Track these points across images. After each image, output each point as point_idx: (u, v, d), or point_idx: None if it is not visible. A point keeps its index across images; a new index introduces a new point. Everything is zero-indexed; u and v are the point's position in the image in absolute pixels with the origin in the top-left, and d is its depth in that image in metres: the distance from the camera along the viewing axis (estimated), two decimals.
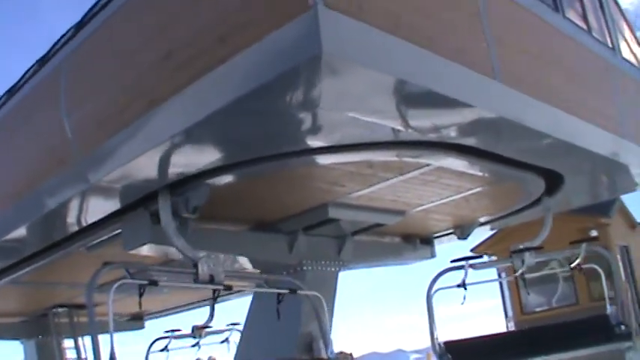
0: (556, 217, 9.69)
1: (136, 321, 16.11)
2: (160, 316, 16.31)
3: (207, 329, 10.30)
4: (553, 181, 8.77)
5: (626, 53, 9.82)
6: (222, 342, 11.53)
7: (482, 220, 10.62)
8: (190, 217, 7.18)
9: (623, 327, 8.95)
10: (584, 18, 8.77)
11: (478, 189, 8.69)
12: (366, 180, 7.73)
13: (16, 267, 10.38)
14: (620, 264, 14.01)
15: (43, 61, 8.24)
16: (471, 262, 8.92)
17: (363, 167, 7.27)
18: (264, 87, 5.01)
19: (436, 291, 8.96)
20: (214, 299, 7.58)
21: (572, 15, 8.42)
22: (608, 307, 9.37)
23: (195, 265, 6.99)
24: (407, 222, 9.56)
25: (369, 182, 7.81)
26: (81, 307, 14.15)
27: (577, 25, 8.43)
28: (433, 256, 11.23)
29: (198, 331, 10.31)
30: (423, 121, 6.17)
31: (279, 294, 7.78)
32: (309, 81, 4.98)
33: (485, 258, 13.44)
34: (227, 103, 5.26)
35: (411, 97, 5.61)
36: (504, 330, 15.50)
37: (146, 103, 5.97)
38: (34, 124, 8.06)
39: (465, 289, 8.71)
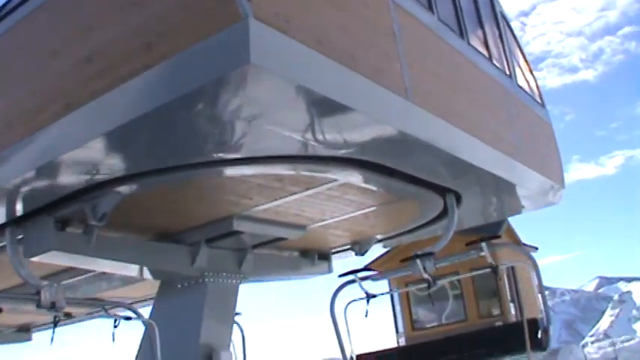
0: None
1: (22, 333, 15.57)
2: (48, 328, 15.80)
3: None
4: (450, 201, 9.03)
5: (521, 80, 10.28)
6: None
7: (379, 237, 10.83)
8: (97, 224, 7.06)
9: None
10: (486, 45, 9.15)
11: (379, 206, 8.90)
12: (274, 193, 7.80)
13: None
14: (506, 283, 14.55)
15: None
16: (361, 274, 9.13)
17: (272, 180, 7.35)
18: (188, 95, 5.02)
19: (347, 304, 9.15)
20: (54, 324, 8.10)
21: (475, 42, 8.77)
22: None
23: (38, 292, 7.29)
24: (306, 237, 9.66)
25: (276, 196, 7.88)
26: None
27: (479, 52, 8.78)
28: (330, 271, 11.34)
29: None
30: (336, 136, 6.29)
31: (115, 319, 8.00)
32: (234, 91, 5.04)
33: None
34: (149, 110, 5.22)
35: (327, 112, 5.72)
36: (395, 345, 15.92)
37: (62, 106, 5.84)
38: None
39: (368, 301, 8.91)
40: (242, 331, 11.48)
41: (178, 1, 5.11)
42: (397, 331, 16.13)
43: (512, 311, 14.12)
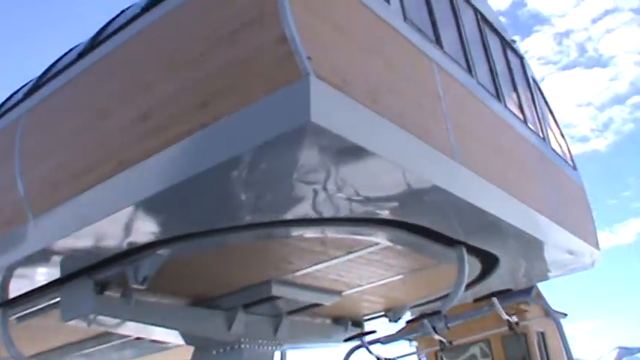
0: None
1: None
2: None
3: None
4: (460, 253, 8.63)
5: (554, 143, 10.29)
6: None
7: (413, 303, 10.70)
8: (139, 287, 6.99)
9: None
10: (520, 108, 9.19)
11: (416, 271, 8.80)
12: (315, 257, 7.73)
13: None
14: (537, 351, 14.31)
15: None
16: (368, 338, 8.83)
17: (316, 244, 7.28)
18: (245, 154, 5.02)
19: None
20: None
21: (511, 105, 8.81)
22: None
23: None
24: (341, 303, 9.54)
25: (317, 260, 7.80)
26: None
27: (515, 115, 8.81)
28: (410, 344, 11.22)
29: None
30: (383, 196, 6.27)
31: None
32: (293, 150, 5.01)
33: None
34: (204, 169, 5.20)
35: (378, 172, 5.69)
36: None
37: (114, 165, 5.81)
38: None
39: None
40: None
41: (236, 59, 5.11)
42: None
43: None
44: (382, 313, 10.79)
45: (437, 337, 7.95)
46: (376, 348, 9.04)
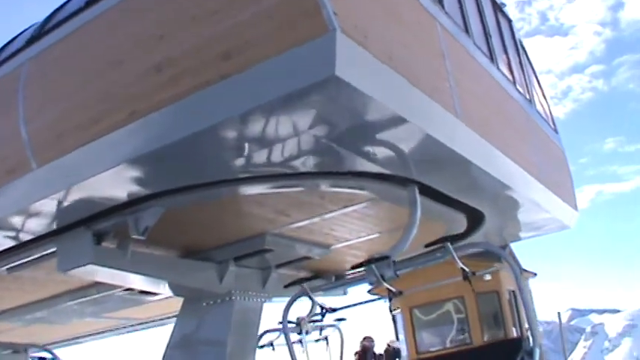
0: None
1: (19, 354, 15.38)
2: (45, 350, 15.66)
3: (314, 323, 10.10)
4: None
5: (539, 106, 10.47)
6: (318, 340, 11.27)
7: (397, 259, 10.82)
8: (139, 238, 7.05)
9: None
10: (510, 70, 9.33)
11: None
12: (313, 210, 7.84)
13: None
14: (508, 308, 14.63)
15: None
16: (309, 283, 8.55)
17: (315, 197, 7.39)
18: (264, 106, 5.09)
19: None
20: None
21: (502, 66, 8.94)
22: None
23: None
24: (327, 257, 9.68)
25: (314, 213, 7.92)
26: None
27: (506, 77, 8.95)
28: (345, 293, 11.35)
29: (304, 325, 10.02)
30: (387, 151, 6.36)
31: None
32: (312, 104, 5.10)
33: None
34: (221, 120, 5.28)
35: (388, 127, 5.81)
36: None
37: (125, 115, 5.80)
38: None
39: (323, 316, 8.76)
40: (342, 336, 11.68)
41: (262, 12, 5.13)
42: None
43: (515, 334, 14.22)
44: (364, 269, 10.88)
45: (385, 284, 7.32)
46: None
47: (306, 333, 9.44)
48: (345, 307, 8.97)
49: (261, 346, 8.69)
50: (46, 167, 6.61)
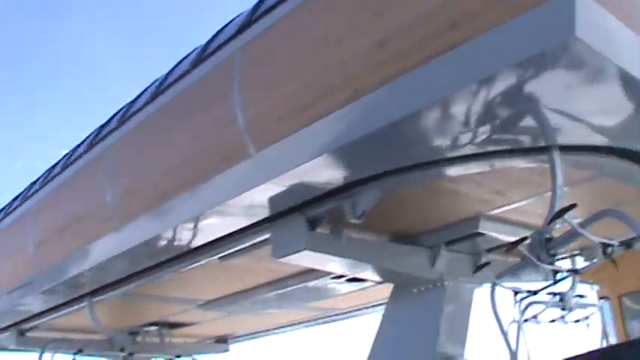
0: None
1: (220, 344, 15.94)
2: (245, 340, 16.12)
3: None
4: None
5: None
6: (577, 321, 10.87)
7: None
8: (356, 222, 6.91)
9: None
10: None
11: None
12: (531, 189, 7.42)
13: (129, 278, 10.23)
14: None
15: (205, 50, 7.89)
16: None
17: (535, 174, 6.96)
18: (499, 73, 4.76)
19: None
20: None
21: None
22: None
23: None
24: None
25: (532, 192, 7.49)
26: (173, 326, 14.03)
27: None
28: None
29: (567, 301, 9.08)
30: (625, 123, 5.86)
31: None
32: (550, 69, 4.71)
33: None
34: (450, 93, 5.01)
35: (627, 96, 5.29)
36: None
37: (349, 93, 5.60)
38: (193, 119, 7.65)
39: None
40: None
41: None
42: None
43: None
44: (577, 252, 10.31)
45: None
46: None
47: (569, 310, 8.90)
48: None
49: (525, 320, 8.25)
50: (262, 153, 6.56)
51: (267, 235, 7.79)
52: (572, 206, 5.89)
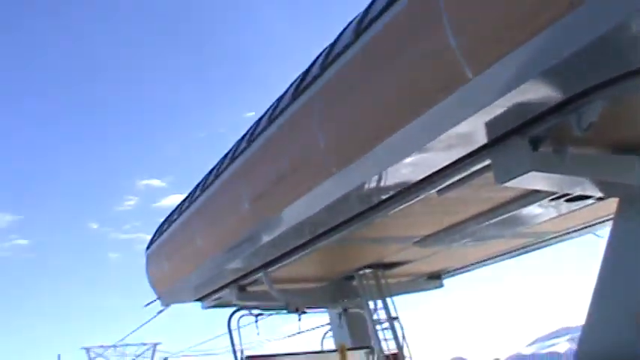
0: None
1: (434, 280, 16.07)
2: (457, 274, 16.15)
3: None
4: None
5: None
6: None
7: None
8: (582, 135, 6.71)
9: None
10: None
11: None
12: None
13: (347, 222, 10.46)
14: None
15: None
16: None
17: None
18: None
19: None
20: None
21: None
22: None
23: None
24: None
25: None
26: (387, 266, 14.26)
27: None
28: None
29: None
30: None
31: None
32: None
33: None
34: None
35: None
36: None
37: (565, 5, 5.34)
38: (402, 52, 7.56)
39: None
40: None
41: None
42: None
43: None
44: None
45: None
46: None
47: None
48: None
49: None
50: (480, 78, 6.41)
51: (486, 162, 7.72)
52: None
